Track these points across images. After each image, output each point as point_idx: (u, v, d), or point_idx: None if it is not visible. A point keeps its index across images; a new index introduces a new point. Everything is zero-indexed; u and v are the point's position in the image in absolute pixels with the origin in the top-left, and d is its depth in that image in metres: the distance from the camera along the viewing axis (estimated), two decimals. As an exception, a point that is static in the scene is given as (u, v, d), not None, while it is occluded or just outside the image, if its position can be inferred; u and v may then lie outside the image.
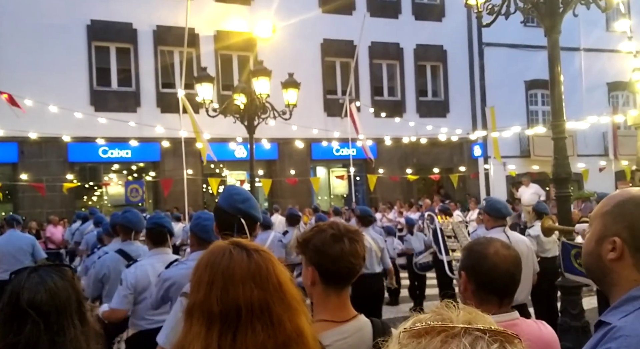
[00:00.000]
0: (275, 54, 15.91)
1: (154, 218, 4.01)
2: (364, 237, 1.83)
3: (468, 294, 1.83)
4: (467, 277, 1.84)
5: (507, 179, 19.65)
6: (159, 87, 16.13)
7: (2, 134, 13.64)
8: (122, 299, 3.70)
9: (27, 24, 14.41)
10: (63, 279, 1.62)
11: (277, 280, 1.29)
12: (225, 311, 1.23)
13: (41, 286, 1.56)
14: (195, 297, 1.28)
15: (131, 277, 3.72)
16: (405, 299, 9.00)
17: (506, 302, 1.84)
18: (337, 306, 1.74)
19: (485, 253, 1.83)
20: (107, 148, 15.38)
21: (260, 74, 9.74)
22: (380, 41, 18.76)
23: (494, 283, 1.80)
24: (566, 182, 5.09)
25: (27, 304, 1.51)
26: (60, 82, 14.48)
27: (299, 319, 1.29)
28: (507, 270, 1.81)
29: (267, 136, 15.35)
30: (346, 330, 1.70)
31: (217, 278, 1.26)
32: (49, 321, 1.53)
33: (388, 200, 17.20)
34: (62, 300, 1.57)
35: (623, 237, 1.25)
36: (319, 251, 1.71)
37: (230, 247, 1.32)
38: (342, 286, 1.75)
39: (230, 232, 2.28)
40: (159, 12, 15.88)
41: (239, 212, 2.44)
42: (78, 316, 1.60)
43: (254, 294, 1.25)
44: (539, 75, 19.33)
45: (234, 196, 2.51)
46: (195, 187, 15.74)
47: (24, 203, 14.74)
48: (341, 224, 1.81)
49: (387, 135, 18.04)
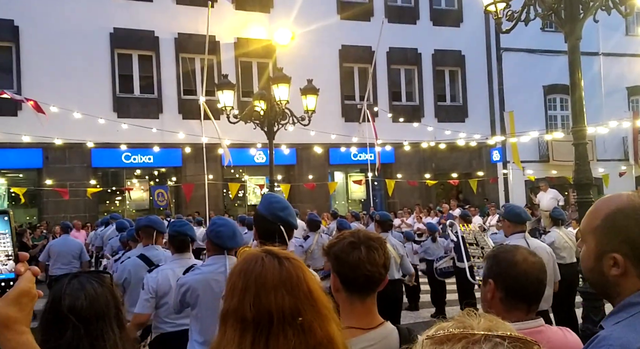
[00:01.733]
0: (294, 61, 16.07)
1: (176, 226, 4.04)
2: (386, 245, 1.82)
3: (495, 302, 1.82)
4: (495, 285, 1.83)
5: (525, 184, 19.50)
6: (180, 94, 16.38)
7: (28, 140, 13.96)
8: (144, 304, 3.75)
9: (52, 32, 14.77)
10: (102, 285, 1.65)
11: (308, 287, 1.31)
12: (258, 318, 1.25)
13: (81, 292, 1.60)
14: (229, 303, 1.31)
15: (152, 281, 3.78)
16: (425, 305, 8.99)
17: (533, 309, 1.84)
18: (363, 313, 1.75)
19: (514, 261, 1.83)
20: (130, 154, 15.63)
21: (280, 80, 9.85)
22: (399, 47, 18.82)
23: (524, 290, 1.81)
24: (588, 188, 5.10)
25: (67, 310, 1.55)
26: (84, 89, 14.79)
27: (329, 326, 1.31)
28: (537, 277, 1.82)
29: (286, 142, 15.50)
30: (373, 337, 1.71)
31: (250, 285, 1.29)
32: (89, 327, 1.56)
33: (406, 205, 17.20)
34: (101, 306, 1.60)
35: (623, 252, 1.23)
36: (338, 259, 1.74)
37: (262, 255, 1.35)
38: (366, 293, 1.75)
39: (271, 239, 2.34)
40: (180, 20, 16.16)
41: (279, 220, 2.52)
42: (116, 322, 1.63)
43: (285, 301, 1.27)
44: (558, 80, 19.21)
45: (274, 204, 2.58)
46: (215, 191, 15.93)
47: (48, 208, 15.04)
48: (363, 232, 1.83)
49: (406, 140, 18.06)
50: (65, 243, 8.61)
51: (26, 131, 13.80)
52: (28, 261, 1.05)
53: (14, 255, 1.03)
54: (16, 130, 13.77)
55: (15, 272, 1.01)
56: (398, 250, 6.27)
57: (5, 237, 1.03)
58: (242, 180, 17.21)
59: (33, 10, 14.66)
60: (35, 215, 15.64)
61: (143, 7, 15.86)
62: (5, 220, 1.03)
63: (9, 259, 1.02)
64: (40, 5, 14.71)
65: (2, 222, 1.03)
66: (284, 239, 2.48)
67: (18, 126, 13.88)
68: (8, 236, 1.03)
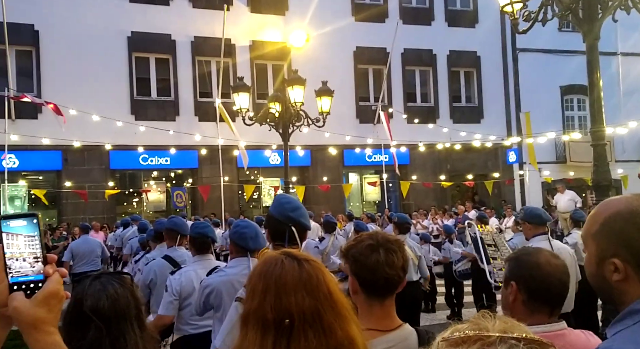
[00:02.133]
0: (308, 63, 16.12)
1: (198, 227, 4.06)
2: (404, 247, 1.81)
3: (517, 305, 1.80)
4: (518, 287, 1.81)
5: (542, 186, 19.31)
6: (196, 97, 16.52)
7: (48, 142, 14.19)
8: (167, 306, 3.78)
9: (70, 37, 14.99)
10: (123, 286, 1.68)
11: (328, 289, 1.32)
12: (278, 319, 1.25)
13: (103, 293, 1.62)
14: (250, 305, 1.31)
15: (176, 283, 3.80)
16: (441, 307, 8.97)
17: (556, 312, 1.83)
18: (382, 315, 1.75)
19: (537, 263, 1.82)
20: (147, 156, 15.80)
21: (295, 83, 9.90)
22: (413, 48, 18.78)
23: (547, 293, 1.79)
24: (607, 189, 5.06)
25: (90, 310, 1.58)
26: (102, 92, 14.99)
27: (349, 327, 1.31)
28: (560, 279, 1.81)
29: (300, 143, 15.55)
30: (392, 339, 1.71)
31: (270, 287, 1.30)
32: (111, 327, 1.58)
33: (421, 206, 17.13)
34: (122, 306, 1.63)
35: (622, 257, 1.20)
36: (357, 261, 1.73)
37: (282, 257, 1.35)
38: (384, 296, 1.75)
39: (282, 239, 2.37)
40: (196, 24, 16.31)
41: (290, 221, 2.52)
42: (137, 322, 1.65)
43: (305, 302, 1.27)
44: (575, 81, 19.01)
45: (285, 205, 2.59)
46: (231, 193, 16.03)
47: (68, 209, 15.26)
48: (381, 234, 1.83)
49: (421, 141, 18.00)
50: (86, 242, 9.34)
51: (46, 134, 14.02)
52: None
53: (42, 257, 1.03)
54: (36, 133, 14.01)
55: (43, 274, 1.02)
56: (416, 251, 6.26)
57: (34, 239, 1.03)
58: (257, 182, 17.30)
59: (53, 15, 14.91)
60: (55, 216, 15.87)
61: (160, 11, 16.05)
62: (34, 222, 1.04)
63: (37, 261, 1.02)
64: (60, 10, 14.96)
65: (31, 225, 1.04)
66: (296, 240, 2.47)
67: (38, 129, 14.12)
68: (37, 238, 1.03)
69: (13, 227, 1.03)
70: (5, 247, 1.02)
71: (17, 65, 14.69)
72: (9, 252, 1.02)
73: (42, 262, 1.03)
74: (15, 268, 1.01)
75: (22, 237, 1.03)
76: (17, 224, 1.04)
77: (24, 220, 1.04)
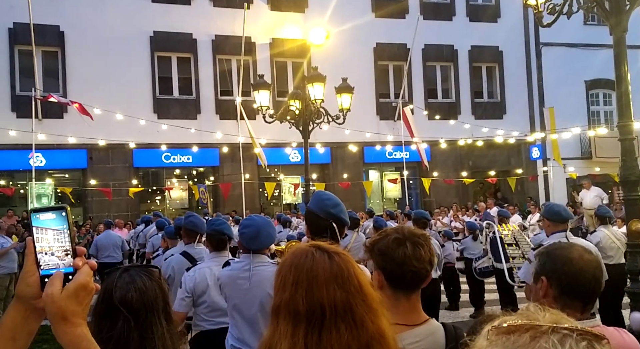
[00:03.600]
0: (328, 60, 16.11)
1: (214, 224, 4.07)
2: (430, 242, 1.79)
3: (548, 300, 1.77)
4: (549, 282, 1.79)
5: (567, 182, 18.98)
6: (217, 95, 16.66)
7: (74, 141, 14.47)
8: (180, 303, 3.79)
9: (94, 37, 15.25)
10: (151, 279, 1.69)
11: (358, 282, 1.31)
12: (310, 311, 1.25)
13: (131, 285, 1.64)
14: (281, 297, 1.30)
15: (190, 281, 3.82)
16: (464, 304, 8.89)
17: (588, 308, 1.79)
18: (408, 310, 1.73)
19: (570, 257, 1.79)
20: (170, 154, 15.99)
21: (315, 80, 9.86)
22: (434, 44, 18.61)
23: (580, 288, 1.76)
24: (635, 184, 4.94)
25: (119, 302, 1.60)
26: (125, 91, 15.23)
27: (380, 321, 1.30)
28: (593, 274, 1.77)
29: (320, 141, 15.56)
30: (419, 333, 1.69)
31: (301, 279, 1.29)
32: (139, 318, 1.60)
33: (442, 203, 17.00)
34: (150, 299, 1.64)
35: None
36: (383, 255, 1.72)
37: (312, 250, 1.35)
38: (411, 290, 1.74)
39: (324, 235, 2.35)
40: (217, 23, 16.43)
41: (331, 216, 2.53)
42: (164, 315, 1.67)
43: (337, 295, 1.26)
44: (601, 75, 18.61)
45: (325, 201, 2.59)
46: (252, 191, 16.14)
47: (93, 207, 15.54)
48: (407, 228, 1.80)
49: (442, 138, 17.85)
50: (108, 237, 10.64)
51: (72, 133, 14.30)
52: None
53: (72, 250, 1.04)
54: (62, 132, 14.30)
55: (73, 266, 1.02)
56: (435, 249, 6.20)
57: (63, 232, 1.04)
58: (278, 179, 17.37)
59: (77, 17, 15.18)
60: (81, 214, 16.18)
61: (181, 11, 16.21)
62: (63, 215, 1.05)
63: (67, 254, 1.03)
64: (84, 12, 15.23)
65: (60, 218, 1.05)
66: (336, 235, 2.47)
67: (64, 128, 14.42)
68: (66, 231, 1.04)
69: (43, 221, 1.04)
70: (35, 241, 1.03)
71: (44, 66, 15.03)
72: (39, 246, 1.03)
73: (72, 255, 1.04)
74: (45, 261, 1.02)
75: (51, 230, 1.04)
76: (47, 217, 1.05)
77: (53, 213, 1.05)
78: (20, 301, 1.03)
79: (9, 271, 8.80)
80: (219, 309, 3.77)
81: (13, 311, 1.03)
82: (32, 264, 1.02)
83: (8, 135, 13.65)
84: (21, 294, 1.03)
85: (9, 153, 14.35)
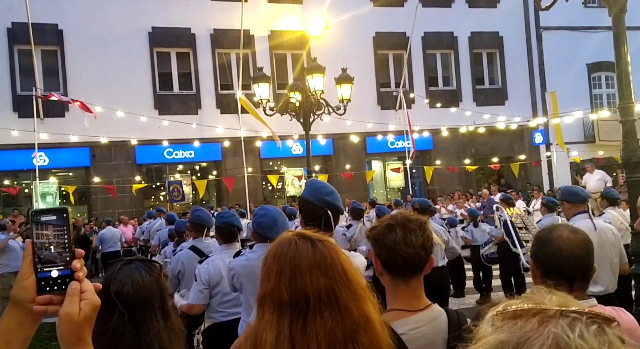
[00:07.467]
0: (327, 50, 16.06)
1: (223, 217, 4.06)
2: (426, 226, 1.76)
3: (537, 282, 1.80)
4: (535, 264, 1.82)
5: (570, 166, 18.93)
6: (217, 89, 16.64)
7: (76, 139, 14.50)
8: (198, 295, 3.82)
9: (92, 35, 15.23)
10: (150, 274, 1.69)
11: (342, 268, 1.31)
12: (294, 299, 1.26)
13: (128, 278, 1.64)
14: (266, 286, 1.32)
15: (204, 273, 3.84)
16: (470, 291, 8.91)
17: (578, 287, 1.77)
18: (408, 296, 1.72)
19: (549, 237, 1.82)
20: (172, 149, 16.02)
21: (315, 71, 9.82)
22: (434, 31, 18.52)
23: (557, 266, 1.76)
24: (637, 166, 4.92)
25: (115, 295, 1.60)
26: (125, 88, 15.23)
27: (365, 306, 1.30)
28: (572, 252, 1.77)
29: (322, 132, 15.54)
30: (420, 319, 1.69)
31: (285, 268, 1.30)
32: (134, 313, 1.60)
33: (446, 191, 16.98)
34: (146, 294, 1.64)
35: None
36: (376, 241, 1.73)
37: (295, 239, 1.36)
38: (409, 275, 1.71)
39: (317, 223, 2.32)
40: (215, 16, 16.37)
41: (326, 204, 2.50)
42: (161, 312, 1.66)
43: (320, 282, 1.27)
44: (602, 57, 18.49)
45: (320, 189, 2.57)
46: (255, 184, 16.16)
47: (97, 204, 15.61)
48: (402, 214, 1.78)
49: (444, 125, 17.80)
50: (110, 231, 12.50)
51: (74, 131, 14.31)
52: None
53: (70, 251, 1.03)
54: (64, 130, 14.33)
55: (71, 268, 1.01)
56: (442, 236, 6.08)
57: (63, 233, 1.03)
58: (280, 172, 17.39)
59: (75, 15, 15.16)
60: (85, 212, 16.24)
61: (179, 5, 16.16)
62: (64, 217, 1.04)
63: (66, 256, 1.02)
64: (82, 10, 15.20)
65: (61, 219, 1.04)
66: (330, 223, 2.45)
67: (66, 127, 14.44)
68: (66, 233, 1.03)
69: (43, 222, 1.04)
70: (34, 239, 1.02)
71: (43, 65, 15.02)
72: (39, 242, 1.02)
73: (70, 256, 1.03)
74: (44, 258, 1.02)
75: (51, 231, 1.03)
76: (48, 218, 1.04)
77: (54, 215, 1.05)
78: (16, 305, 1.00)
79: (13, 270, 8.83)
80: (231, 299, 3.81)
81: (8, 315, 1.00)
82: (29, 266, 1.00)
83: (10, 135, 13.69)
84: (16, 298, 1.00)
85: (12, 153, 14.41)
